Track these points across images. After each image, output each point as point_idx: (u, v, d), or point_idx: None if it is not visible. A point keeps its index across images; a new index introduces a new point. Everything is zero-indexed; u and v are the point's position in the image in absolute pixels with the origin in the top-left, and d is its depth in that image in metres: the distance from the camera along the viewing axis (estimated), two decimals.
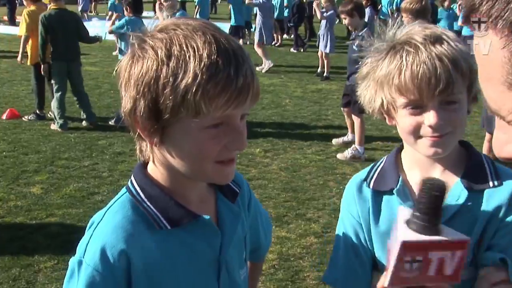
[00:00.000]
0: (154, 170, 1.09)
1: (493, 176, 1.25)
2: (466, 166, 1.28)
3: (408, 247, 0.75)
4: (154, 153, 1.06)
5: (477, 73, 0.60)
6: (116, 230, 1.03)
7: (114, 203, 1.09)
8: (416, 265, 0.76)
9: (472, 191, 1.24)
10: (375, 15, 14.17)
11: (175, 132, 0.98)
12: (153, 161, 1.08)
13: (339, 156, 6.16)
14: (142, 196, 1.07)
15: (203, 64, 0.92)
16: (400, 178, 1.31)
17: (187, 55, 0.92)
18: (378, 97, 1.24)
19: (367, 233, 1.33)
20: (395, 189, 1.29)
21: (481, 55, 0.56)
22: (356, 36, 6.13)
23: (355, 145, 6.20)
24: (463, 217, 1.23)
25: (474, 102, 1.25)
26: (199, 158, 1.00)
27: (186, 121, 0.96)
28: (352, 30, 6.30)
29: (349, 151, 6.15)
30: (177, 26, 0.97)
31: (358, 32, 6.11)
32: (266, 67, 11.61)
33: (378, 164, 1.39)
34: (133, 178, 1.11)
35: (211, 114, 0.94)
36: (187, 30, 0.95)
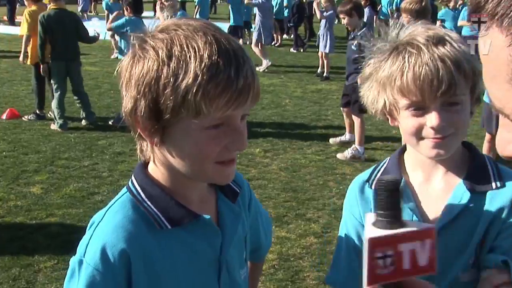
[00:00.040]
0: (154, 170, 1.09)
1: (496, 177, 1.24)
2: (469, 168, 1.27)
3: (376, 243, 0.77)
4: (155, 153, 1.06)
5: (480, 74, 0.60)
6: (116, 229, 1.03)
7: (114, 203, 1.09)
8: (389, 260, 0.77)
9: (474, 193, 1.23)
10: (374, 15, 14.19)
11: (175, 132, 0.99)
12: (153, 161, 1.08)
13: (339, 156, 6.16)
14: (143, 196, 1.07)
15: (203, 64, 0.92)
16: (402, 180, 1.30)
17: (188, 56, 0.93)
18: (380, 98, 1.24)
19: None
20: None
21: (486, 54, 0.56)
22: (354, 36, 6.14)
23: (355, 145, 6.19)
24: (466, 219, 1.22)
25: (477, 103, 1.25)
26: (200, 158, 1.00)
27: (186, 122, 0.96)
28: (351, 30, 6.30)
29: (349, 151, 6.15)
30: (178, 27, 0.97)
31: (357, 32, 6.12)
32: (263, 66, 11.61)
33: (380, 165, 1.38)
34: (133, 178, 1.11)
35: (211, 115, 0.95)
36: (188, 30, 0.96)
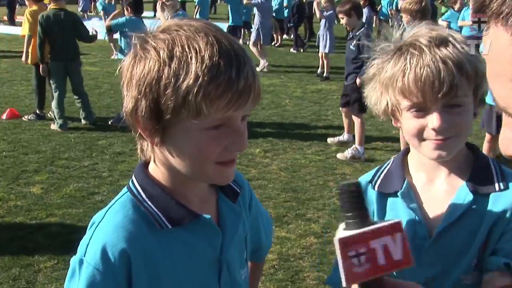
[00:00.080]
0: (155, 169, 1.09)
1: (500, 179, 1.24)
2: (472, 169, 1.26)
3: (345, 243, 0.78)
4: (155, 152, 1.06)
5: (483, 76, 0.60)
6: (117, 229, 1.03)
7: (115, 202, 1.09)
8: (363, 258, 0.78)
9: (477, 195, 1.23)
10: (374, 16, 14.18)
11: (176, 133, 0.99)
12: (154, 161, 1.08)
13: (339, 156, 6.16)
14: (143, 195, 1.07)
15: (204, 65, 0.92)
16: (405, 181, 1.30)
17: (189, 56, 0.93)
18: (383, 99, 1.24)
19: None
20: (399, 192, 1.29)
21: (490, 53, 0.56)
22: (353, 36, 6.15)
23: (355, 145, 6.19)
24: (468, 220, 1.22)
25: (481, 105, 1.24)
26: (200, 159, 1.00)
27: (187, 122, 0.96)
28: (349, 30, 6.31)
29: (349, 151, 6.15)
30: (180, 27, 0.97)
31: (355, 32, 6.13)
32: (260, 66, 11.60)
33: (384, 166, 1.38)
34: (134, 177, 1.11)
35: (212, 116, 0.95)
36: (190, 31, 0.96)
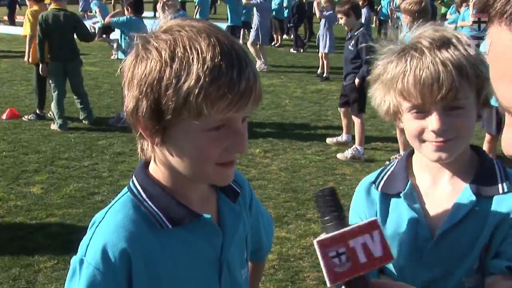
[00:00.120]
0: (155, 169, 1.09)
1: (504, 182, 1.23)
2: (476, 172, 1.26)
3: (324, 244, 0.80)
4: (155, 152, 1.06)
5: (486, 78, 0.59)
6: (117, 229, 1.03)
7: (115, 202, 1.09)
8: (344, 258, 0.80)
9: (481, 197, 1.22)
10: (374, 16, 14.17)
11: (176, 133, 0.99)
12: (154, 161, 1.08)
13: (339, 156, 6.16)
14: (144, 195, 1.07)
15: (206, 66, 0.92)
16: (409, 182, 1.30)
17: (191, 57, 0.93)
18: (386, 100, 1.24)
19: None
20: (402, 193, 1.29)
21: (494, 53, 0.55)
22: (351, 36, 6.15)
23: (355, 145, 6.20)
24: (471, 222, 1.21)
25: (485, 107, 1.22)
26: (200, 160, 1.00)
27: (187, 123, 0.96)
28: (348, 30, 6.31)
29: (349, 151, 6.15)
30: (182, 28, 0.97)
31: (354, 32, 6.13)
32: (257, 66, 11.60)
33: (389, 167, 1.38)
34: (134, 177, 1.11)
35: (212, 117, 0.95)
36: (192, 32, 0.95)
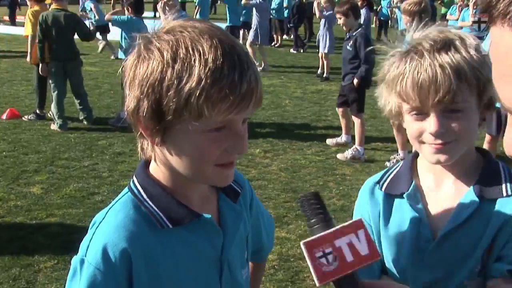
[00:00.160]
0: (156, 169, 1.09)
1: (508, 185, 1.22)
2: (480, 174, 1.25)
3: (311, 245, 0.82)
4: (156, 152, 1.06)
5: (489, 81, 0.59)
6: (118, 229, 1.03)
7: (116, 202, 1.10)
8: (331, 257, 0.81)
9: (484, 199, 1.21)
10: (374, 16, 14.16)
11: (176, 134, 0.99)
12: (154, 160, 1.09)
13: (339, 156, 6.17)
14: (144, 195, 1.07)
15: (208, 68, 0.92)
16: (412, 183, 1.30)
17: (193, 59, 0.93)
18: (389, 101, 1.25)
19: (376, 237, 1.32)
20: (406, 193, 1.29)
21: (496, 53, 0.55)
22: (350, 36, 6.15)
23: (355, 146, 6.20)
24: (473, 224, 1.21)
25: (489, 109, 1.21)
26: (199, 160, 1.01)
27: (188, 124, 0.96)
28: (346, 30, 6.32)
29: (349, 152, 6.15)
30: (184, 29, 0.97)
31: (352, 32, 6.14)
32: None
33: (393, 168, 1.38)
34: (135, 178, 1.11)
35: (213, 118, 0.95)
36: (194, 33, 0.95)
